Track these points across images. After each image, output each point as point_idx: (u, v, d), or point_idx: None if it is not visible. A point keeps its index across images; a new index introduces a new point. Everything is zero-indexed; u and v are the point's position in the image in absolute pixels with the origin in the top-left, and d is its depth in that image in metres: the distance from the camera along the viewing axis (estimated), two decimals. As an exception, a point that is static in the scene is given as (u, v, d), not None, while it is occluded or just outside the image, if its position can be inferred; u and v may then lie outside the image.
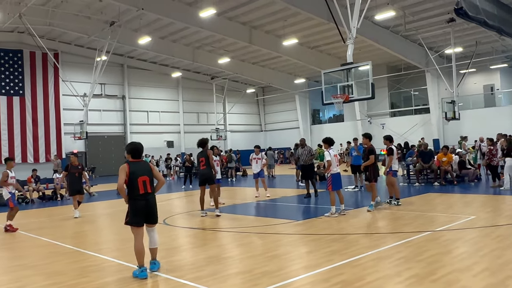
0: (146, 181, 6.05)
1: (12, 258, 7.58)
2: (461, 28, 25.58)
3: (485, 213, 9.73)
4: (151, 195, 6.10)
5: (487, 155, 15.20)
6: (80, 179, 12.58)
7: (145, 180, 6.04)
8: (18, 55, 29.80)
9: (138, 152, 6.28)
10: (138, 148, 6.31)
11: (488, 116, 29.75)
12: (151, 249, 6.16)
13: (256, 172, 14.88)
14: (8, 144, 29.18)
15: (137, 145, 6.36)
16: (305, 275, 5.64)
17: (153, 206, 6.11)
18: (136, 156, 6.26)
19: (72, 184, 12.35)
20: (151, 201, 6.09)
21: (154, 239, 6.18)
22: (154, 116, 37.65)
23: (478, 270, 5.46)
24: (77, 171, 12.47)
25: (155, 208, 6.14)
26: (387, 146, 11.47)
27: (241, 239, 8.15)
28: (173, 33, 29.56)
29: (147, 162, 6.39)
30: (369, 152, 11.08)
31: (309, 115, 43.14)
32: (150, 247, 6.14)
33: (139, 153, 6.30)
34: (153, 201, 6.12)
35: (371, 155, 10.96)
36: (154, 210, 6.12)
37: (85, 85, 30.32)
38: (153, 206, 6.10)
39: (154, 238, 6.18)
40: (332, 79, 15.79)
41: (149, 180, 6.11)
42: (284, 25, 26.72)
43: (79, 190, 12.37)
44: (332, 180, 10.20)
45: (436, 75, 30.85)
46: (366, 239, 7.85)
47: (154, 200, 6.13)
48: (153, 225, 6.18)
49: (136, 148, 6.30)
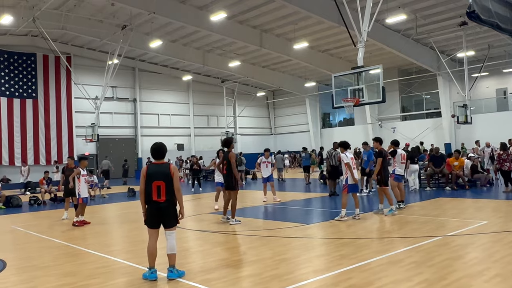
0: (161, 187, 5.69)
1: (24, 259, 7.67)
2: (473, 32, 25.37)
3: (497, 218, 9.61)
4: (164, 204, 5.73)
5: (497, 159, 15.04)
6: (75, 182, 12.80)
7: (160, 185, 5.69)
8: (31, 59, 30.20)
9: (158, 152, 5.88)
10: (158, 148, 5.87)
11: (500, 120, 29.42)
12: (168, 255, 5.86)
13: (265, 177, 14.82)
14: (21, 146, 29.55)
15: (158, 145, 5.92)
16: (314, 279, 5.62)
17: (167, 212, 5.75)
18: (156, 157, 5.88)
19: (67, 186, 12.54)
20: (164, 207, 5.74)
21: (170, 244, 5.81)
22: (164, 119, 37.87)
23: (490, 275, 5.40)
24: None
25: (170, 213, 5.79)
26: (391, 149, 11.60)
27: (251, 242, 8.14)
28: (184, 37, 29.74)
29: (168, 165, 5.86)
30: (378, 155, 11.06)
31: (319, 118, 43.04)
32: (167, 253, 5.88)
33: (159, 154, 5.88)
34: (167, 208, 5.74)
35: (379, 157, 10.95)
36: (169, 216, 5.77)
37: (97, 88, 30.67)
38: (166, 212, 5.75)
39: (170, 244, 5.81)
40: (342, 83, 15.74)
41: (165, 186, 5.70)
42: (294, 29, 26.73)
43: (72, 192, 12.51)
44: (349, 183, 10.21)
45: (448, 79, 30.60)
46: (376, 244, 7.81)
47: (168, 206, 5.74)
48: (170, 229, 5.85)
49: (155, 148, 5.88)
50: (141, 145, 35.66)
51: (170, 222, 5.85)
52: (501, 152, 14.83)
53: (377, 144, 11.29)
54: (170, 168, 5.81)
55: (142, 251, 7.71)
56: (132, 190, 19.57)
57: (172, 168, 5.83)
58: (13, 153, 29.04)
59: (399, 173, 11.52)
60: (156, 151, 5.93)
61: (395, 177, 11.48)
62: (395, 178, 11.48)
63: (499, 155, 14.91)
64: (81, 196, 11.10)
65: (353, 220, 9.90)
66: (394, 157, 11.58)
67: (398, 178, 11.52)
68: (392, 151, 11.59)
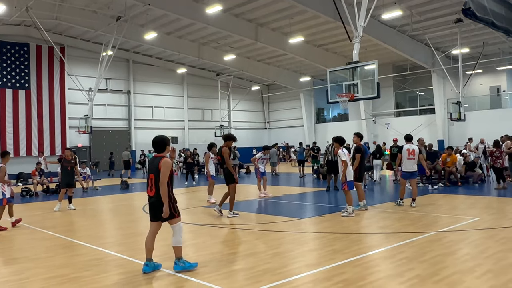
0: (152, 180, 5.76)
1: (14, 250, 7.63)
2: (468, 29, 25.42)
3: (489, 214, 9.68)
4: (153, 198, 5.77)
5: (489, 156, 15.15)
6: (73, 173, 12.88)
7: (152, 178, 5.77)
8: (24, 49, 29.87)
9: (154, 145, 5.93)
10: (156, 141, 5.94)
11: (493, 118, 29.57)
12: (173, 248, 5.89)
13: (262, 171, 14.80)
14: (13, 137, 29.31)
15: (156, 138, 5.99)
16: (307, 273, 5.64)
17: (156, 205, 5.75)
18: (154, 149, 5.95)
19: (64, 177, 12.67)
20: (153, 201, 5.79)
21: (174, 238, 5.84)
22: (158, 112, 37.69)
23: (481, 272, 5.44)
24: (70, 165, 12.75)
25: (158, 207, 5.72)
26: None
27: (244, 236, 8.14)
28: (179, 29, 29.55)
29: (158, 159, 5.82)
30: (356, 151, 11.00)
31: (314, 113, 43.04)
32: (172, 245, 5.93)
33: (156, 146, 5.92)
34: (155, 202, 5.75)
35: (357, 153, 10.90)
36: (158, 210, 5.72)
37: (91, 79, 30.41)
38: (156, 206, 5.75)
39: (174, 237, 5.84)
40: (337, 78, 15.75)
41: (154, 180, 5.73)
42: (290, 23, 26.64)
43: (70, 183, 12.67)
44: (348, 180, 10.11)
45: (442, 76, 30.70)
46: (369, 239, 7.85)
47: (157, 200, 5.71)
48: (169, 221, 5.80)
49: (153, 141, 5.97)
50: (135, 137, 35.50)
51: (159, 216, 5.79)
52: (494, 150, 14.93)
53: (357, 139, 11.24)
54: (160, 162, 5.74)
55: (135, 244, 7.71)
56: (125, 183, 19.51)
57: (162, 162, 5.73)
58: (5, 144, 28.76)
59: (406, 170, 11.18)
60: (153, 143, 5.98)
61: (402, 174, 11.41)
62: (403, 175, 11.37)
63: (491, 152, 15.01)
64: (6, 197, 9.83)
65: (346, 216, 9.87)
66: (400, 153, 11.39)
67: (405, 175, 11.29)
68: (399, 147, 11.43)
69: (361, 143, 11.33)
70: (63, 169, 12.73)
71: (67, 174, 12.61)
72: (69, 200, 12.63)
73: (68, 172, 12.63)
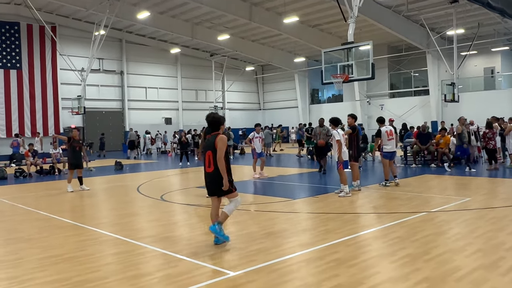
0: (210, 156, 6.02)
1: (8, 231, 7.63)
2: (463, 9, 25.28)
3: (480, 195, 9.80)
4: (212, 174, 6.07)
5: (482, 138, 15.22)
6: (80, 154, 12.72)
7: (209, 155, 6.03)
8: (15, 28, 29.40)
9: (210, 124, 6.21)
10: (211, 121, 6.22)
11: (487, 99, 29.69)
12: (222, 211, 6.22)
13: (259, 152, 14.79)
14: (5, 117, 29.07)
15: (211, 118, 6.25)
16: (300, 252, 5.70)
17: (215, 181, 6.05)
18: (211, 128, 6.22)
19: (73, 158, 12.50)
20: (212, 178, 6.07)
21: (229, 206, 6.20)
22: (152, 93, 37.43)
23: (472, 251, 5.53)
24: (78, 145, 12.63)
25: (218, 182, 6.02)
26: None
27: (238, 216, 8.20)
28: (172, 8, 29.15)
29: (214, 136, 6.09)
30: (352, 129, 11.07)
31: (308, 94, 42.96)
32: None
33: (211, 125, 6.20)
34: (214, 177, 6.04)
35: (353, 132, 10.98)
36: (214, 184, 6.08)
37: (83, 59, 29.99)
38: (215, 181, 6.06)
39: (229, 205, 6.21)
40: (332, 59, 15.66)
41: (212, 156, 6.00)
42: (285, 2, 26.35)
43: (78, 164, 12.54)
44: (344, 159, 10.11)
45: (436, 57, 30.64)
46: (361, 219, 7.93)
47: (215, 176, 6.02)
48: (228, 196, 6.16)
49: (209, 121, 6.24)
50: (129, 118, 35.32)
51: (217, 191, 6.12)
52: (486, 131, 15.00)
53: (352, 120, 11.28)
54: (215, 140, 6.01)
55: (129, 224, 7.76)
56: (120, 164, 19.48)
57: (217, 138, 6.01)
58: (-3, 125, 28.58)
59: (387, 151, 11.49)
60: (209, 123, 6.26)
61: (384, 155, 11.56)
62: (384, 155, 11.56)
63: (484, 134, 15.09)
64: None
65: (339, 196, 9.94)
66: (379, 136, 11.62)
67: (386, 156, 11.53)
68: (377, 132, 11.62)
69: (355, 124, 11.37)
70: (72, 149, 12.48)
71: (76, 154, 12.44)
72: (80, 181, 12.48)
73: (76, 153, 12.47)
